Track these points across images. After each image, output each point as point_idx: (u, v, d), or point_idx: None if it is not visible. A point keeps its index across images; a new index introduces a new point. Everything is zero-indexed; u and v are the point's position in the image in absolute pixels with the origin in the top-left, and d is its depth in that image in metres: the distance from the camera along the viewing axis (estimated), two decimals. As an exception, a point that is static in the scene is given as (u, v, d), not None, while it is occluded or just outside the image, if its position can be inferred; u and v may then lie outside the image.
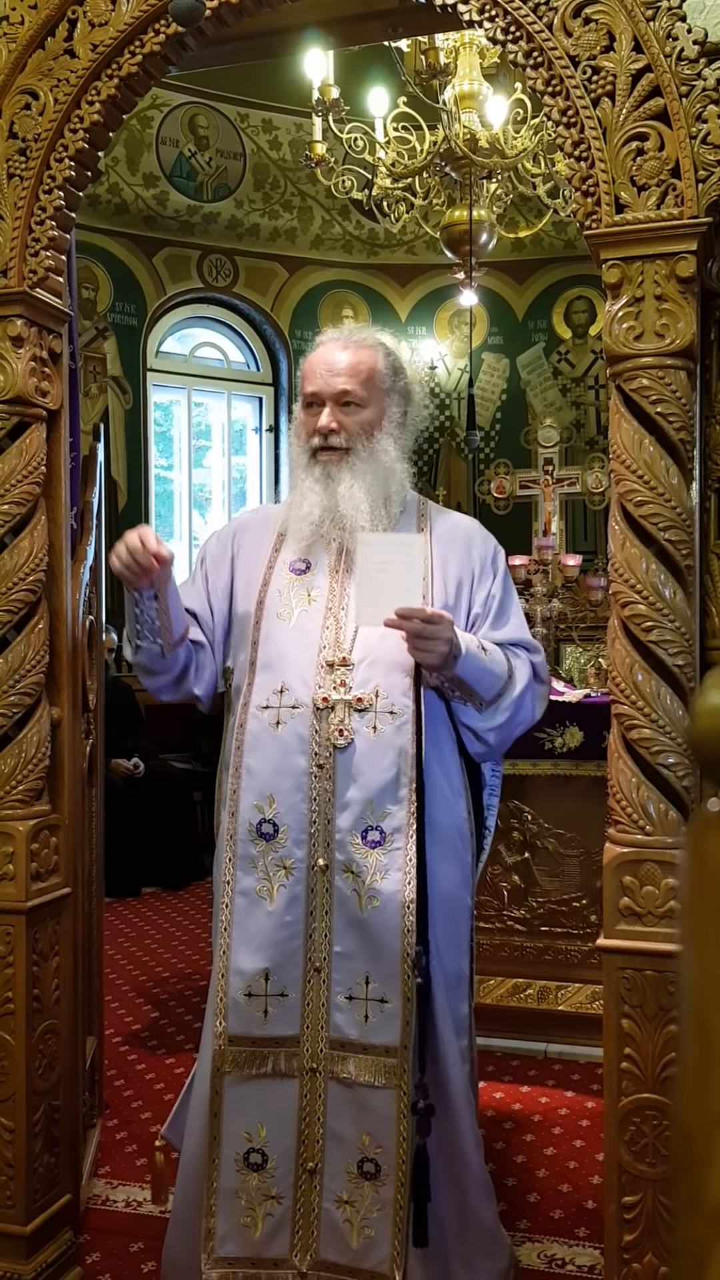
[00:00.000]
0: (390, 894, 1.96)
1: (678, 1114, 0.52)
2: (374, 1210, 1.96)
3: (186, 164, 7.61)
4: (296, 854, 1.99)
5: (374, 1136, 1.96)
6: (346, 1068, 1.97)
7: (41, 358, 2.34)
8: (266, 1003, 1.99)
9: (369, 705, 2.00)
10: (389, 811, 1.98)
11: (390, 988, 1.96)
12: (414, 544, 1.95)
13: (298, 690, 2.02)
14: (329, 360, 2.10)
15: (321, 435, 2.08)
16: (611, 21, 1.94)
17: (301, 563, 2.12)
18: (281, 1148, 1.99)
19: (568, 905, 3.63)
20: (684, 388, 1.91)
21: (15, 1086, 2.25)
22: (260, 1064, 2.00)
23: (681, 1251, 0.51)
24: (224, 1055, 2.01)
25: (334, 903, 1.98)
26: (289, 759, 2.00)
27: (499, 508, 6.03)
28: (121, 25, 2.22)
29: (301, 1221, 1.99)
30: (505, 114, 4.85)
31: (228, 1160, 2.01)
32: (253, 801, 2.02)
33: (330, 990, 1.98)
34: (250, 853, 2.02)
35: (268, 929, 1.99)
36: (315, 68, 4.67)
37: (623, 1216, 1.89)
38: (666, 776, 1.90)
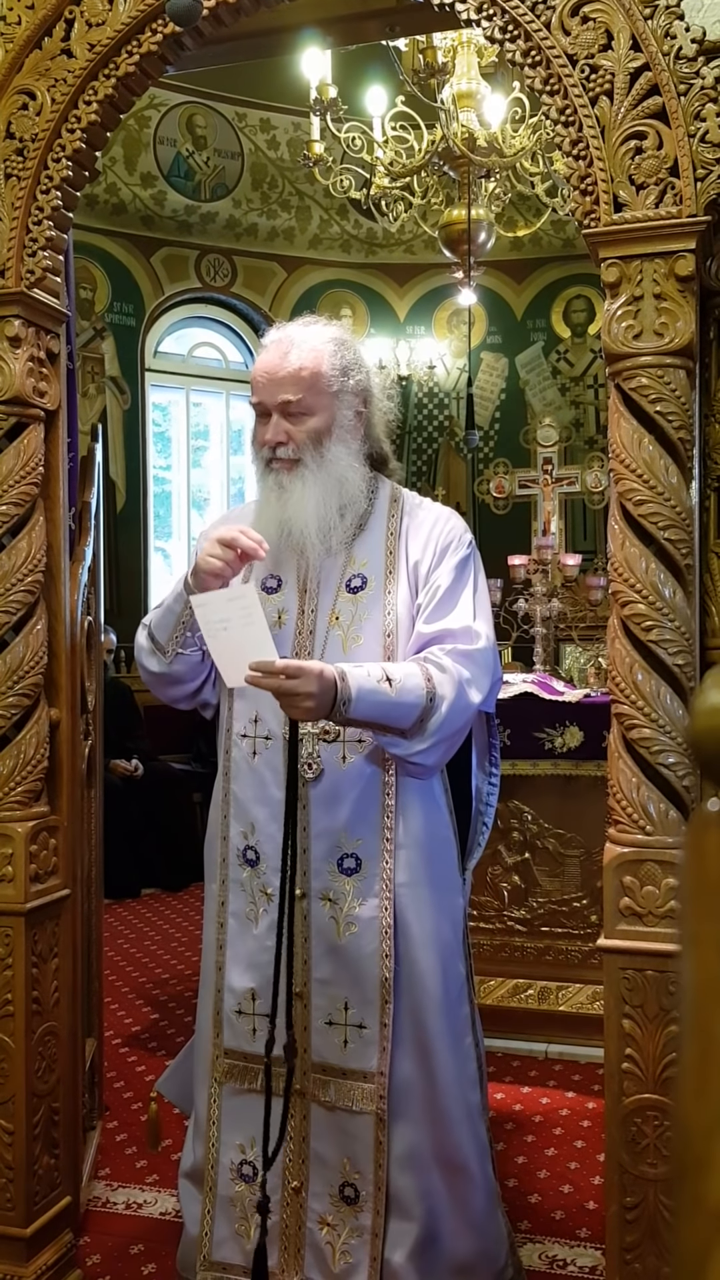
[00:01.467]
0: (368, 920, 1.96)
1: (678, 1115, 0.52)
2: (353, 1237, 1.97)
3: (184, 164, 7.61)
4: (274, 882, 1.99)
5: (354, 1162, 1.98)
6: (328, 1092, 1.99)
7: (39, 358, 2.34)
8: (254, 1021, 2.03)
9: (336, 735, 1.97)
10: (362, 839, 1.97)
11: (368, 1013, 1.96)
12: (246, 595, 1.81)
13: (270, 721, 2.01)
14: (270, 367, 1.98)
15: (269, 448, 2.00)
16: (609, 20, 1.94)
17: (273, 579, 2.08)
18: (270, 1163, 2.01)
19: (568, 905, 3.63)
20: (683, 386, 1.91)
21: (15, 1088, 2.25)
22: (252, 1079, 2.04)
23: (682, 1253, 0.51)
24: (220, 1067, 2.07)
25: (312, 930, 1.99)
26: (265, 790, 2.02)
27: (498, 507, 6.02)
28: (119, 25, 2.21)
29: (288, 1239, 2.02)
30: (503, 113, 4.85)
31: (224, 1167, 2.06)
32: (239, 828, 2.06)
33: (311, 1015, 2.00)
34: (239, 876, 2.06)
35: (253, 951, 2.03)
36: (313, 67, 4.67)
37: (624, 1217, 1.89)
38: (667, 776, 1.89)
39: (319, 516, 1.98)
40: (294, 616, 2.04)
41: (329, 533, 2.01)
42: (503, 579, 4.83)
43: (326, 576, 2.04)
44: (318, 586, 2.05)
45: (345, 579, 2.03)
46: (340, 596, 2.03)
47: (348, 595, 2.03)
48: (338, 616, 2.01)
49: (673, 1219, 1.89)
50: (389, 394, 2.21)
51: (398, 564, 2.03)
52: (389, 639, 1.98)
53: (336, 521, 2.01)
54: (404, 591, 2.02)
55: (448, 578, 2.00)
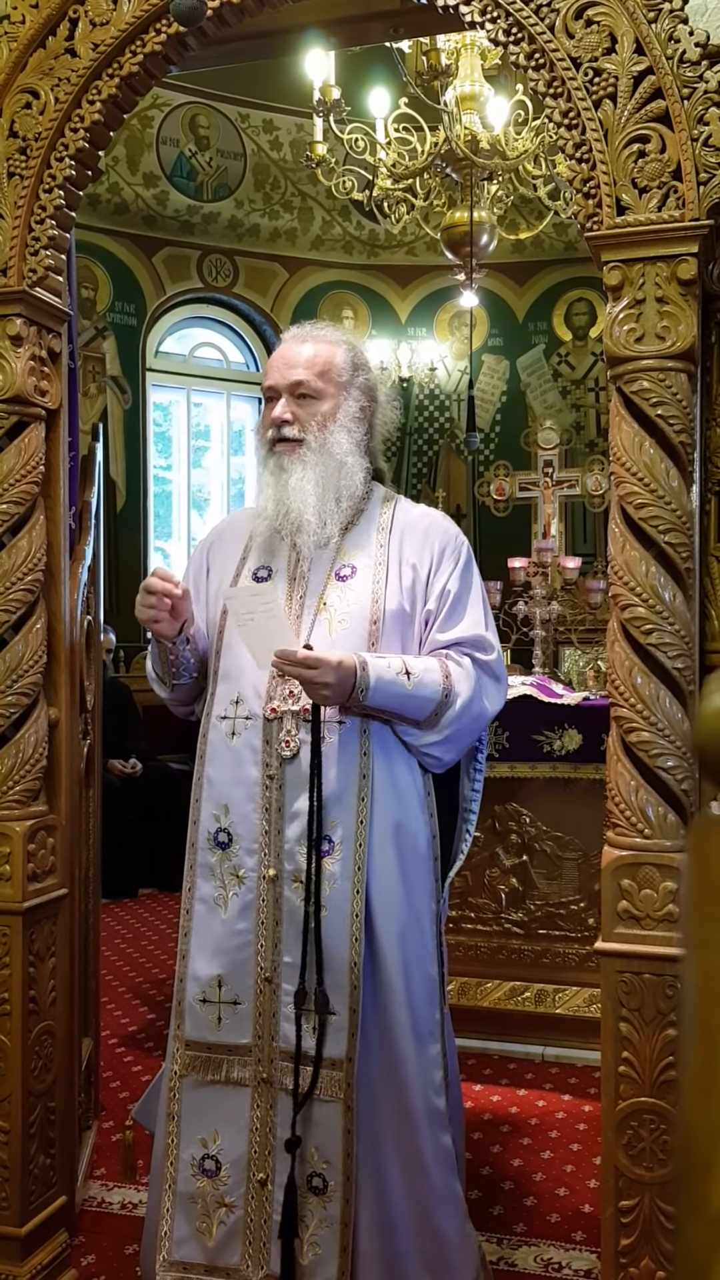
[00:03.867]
0: (340, 903, 1.95)
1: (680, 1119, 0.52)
2: (322, 1227, 1.95)
3: (187, 164, 7.61)
4: (248, 863, 1.99)
5: (321, 1151, 1.96)
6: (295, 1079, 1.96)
7: (40, 357, 2.34)
8: (219, 1009, 2.01)
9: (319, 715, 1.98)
10: (337, 821, 1.97)
11: (339, 999, 1.95)
12: (267, 592, 1.97)
13: (250, 701, 2.02)
14: (287, 354, 2.11)
15: (276, 426, 2.07)
16: (613, 23, 1.94)
17: (264, 570, 2.12)
18: (233, 1156, 2.00)
19: (566, 908, 3.63)
20: (684, 390, 1.91)
21: (11, 1088, 2.24)
22: (215, 1070, 2.01)
23: (683, 1258, 0.50)
24: (181, 1059, 2.04)
25: (284, 913, 1.98)
26: (242, 769, 2.02)
27: (498, 509, 6.03)
28: (123, 25, 2.21)
29: (253, 1233, 1.99)
30: (506, 115, 4.86)
31: (184, 1164, 2.02)
32: (211, 811, 2.05)
33: (280, 1001, 1.98)
34: (208, 860, 2.04)
35: (221, 936, 2.01)
36: (316, 68, 4.67)
37: (620, 1220, 1.88)
38: (665, 780, 1.89)
39: (318, 498, 2.04)
40: (282, 603, 2.06)
41: (326, 517, 2.06)
42: (502, 581, 4.83)
43: (316, 566, 2.09)
44: (307, 575, 2.09)
45: (335, 568, 2.08)
46: (329, 584, 2.07)
47: (336, 582, 2.07)
48: (325, 602, 2.06)
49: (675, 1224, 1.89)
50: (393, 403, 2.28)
51: (389, 558, 2.07)
52: (374, 626, 2.02)
53: (334, 508, 2.07)
54: (394, 585, 2.05)
55: (456, 584, 2.07)
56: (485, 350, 8.28)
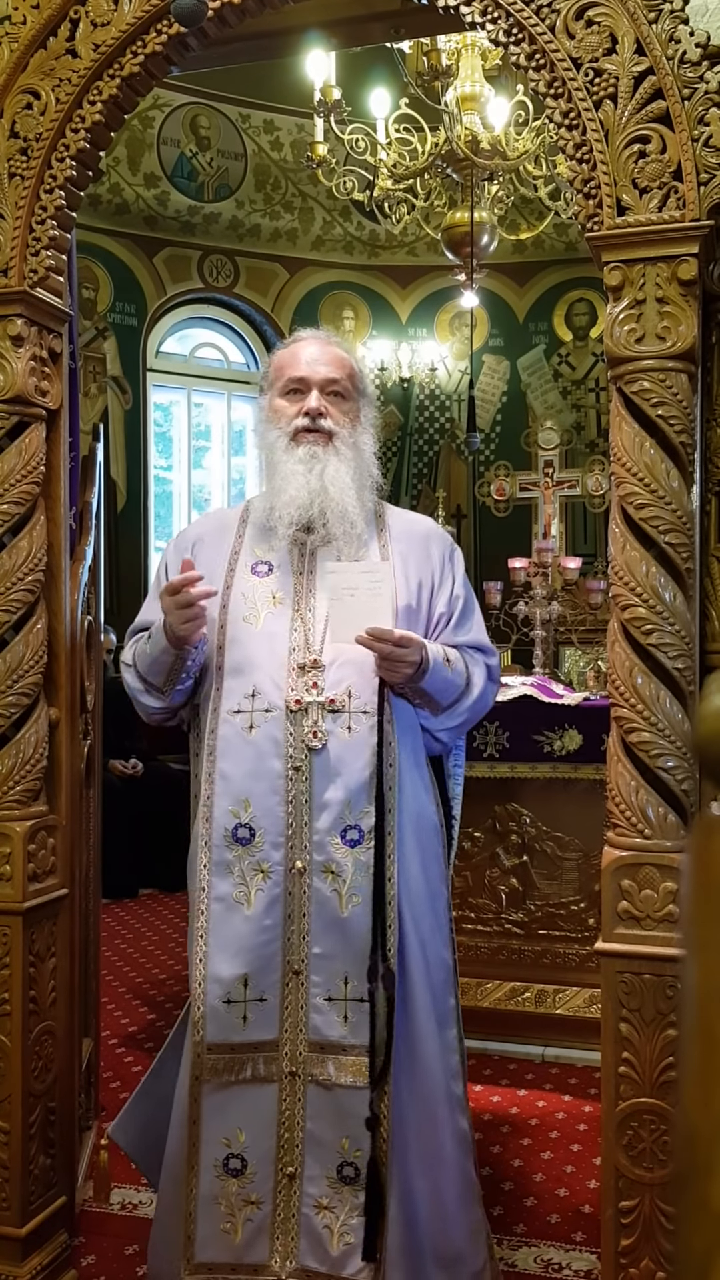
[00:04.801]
0: (370, 892, 1.97)
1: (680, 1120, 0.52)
2: (353, 1216, 1.95)
3: (188, 164, 7.61)
4: (274, 857, 1.98)
5: (353, 1140, 1.96)
6: (326, 1070, 1.97)
7: (41, 357, 2.34)
8: (245, 1008, 1.98)
9: (342, 706, 2.00)
10: (366, 810, 1.99)
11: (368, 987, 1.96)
12: (381, 570, 1.99)
13: (270, 693, 2.01)
14: (314, 352, 2.14)
15: (311, 417, 2.08)
16: (614, 24, 1.94)
17: (263, 565, 2.11)
18: (260, 1152, 1.99)
19: (566, 908, 3.63)
20: (685, 391, 1.91)
21: (11, 1088, 2.24)
22: (239, 1070, 1.99)
23: (684, 1260, 0.50)
24: (202, 1064, 1.99)
25: (312, 905, 1.98)
26: (264, 762, 2.00)
27: (499, 510, 6.03)
28: (124, 25, 2.22)
29: (281, 1227, 1.99)
30: (507, 116, 4.86)
31: (206, 1166, 1.99)
32: (227, 807, 2.01)
33: (309, 992, 1.98)
34: (225, 858, 2.00)
35: (245, 934, 1.98)
36: (317, 68, 4.67)
37: (620, 1221, 1.88)
38: (666, 780, 1.89)
39: (356, 490, 2.09)
40: (289, 597, 2.07)
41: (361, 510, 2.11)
42: (503, 581, 4.83)
43: (320, 562, 2.10)
44: (310, 571, 2.09)
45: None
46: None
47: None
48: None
49: (675, 1224, 1.89)
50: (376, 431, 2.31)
51: (393, 557, 2.14)
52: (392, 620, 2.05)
53: (367, 500, 2.13)
54: (401, 583, 2.10)
55: (462, 590, 2.19)
56: (486, 350, 8.28)
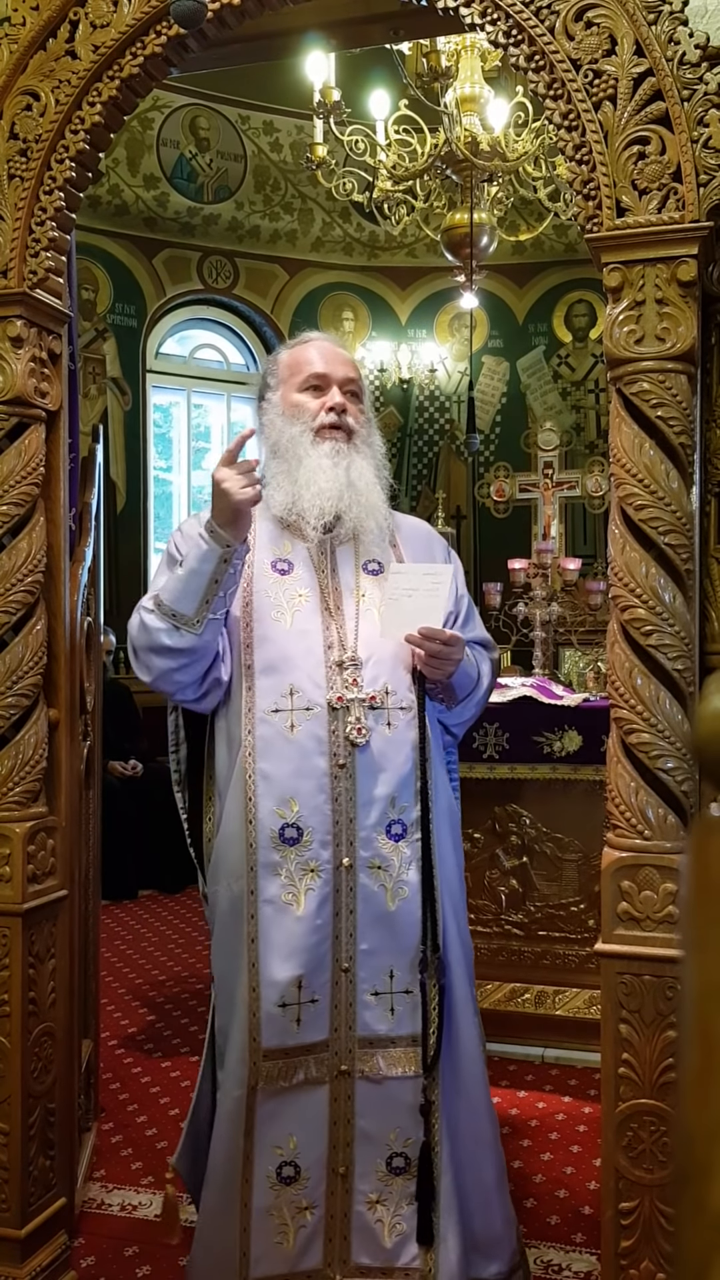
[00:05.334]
0: (416, 885, 1.99)
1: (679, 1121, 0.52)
2: (405, 1204, 1.98)
3: (187, 165, 7.61)
4: (323, 855, 1.97)
5: (402, 1131, 1.98)
6: (375, 1064, 1.98)
7: (41, 358, 2.34)
8: (299, 1010, 1.96)
9: (381, 702, 2.02)
10: (408, 805, 2.01)
11: (414, 978, 1.98)
12: (441, 574, 2.04)
13: (310, 692, 2.00)
14: (328, 351, 2.17)
15: (336, 412, 2.10)
16: (613, 25, 1.94)
17: (284, 563, 2.10)
18: (313, 1156, 1.98)
19: (566, 910, 3.63)
20: (684, 391, 1.91)
21: (11, 1089, 2.24)
22: (292, 1074, 1.97)
23: (682, 1260, 0.50)
24: (259, 1071, 1.95)
25: (358, 900, 1.98)
26: (308, 761, 1.98)
27: (498, 511, 6.02)
28: (123, 27, 2.22)
29: (333, 1229, 1.99)
30: (506, 117, 4.86)
31: (260, 1178, 1.96)
32: (272, 807, 1.97)
33: (357, 989, 1.98)
34: (273, 859, 1.96)
35: (298, 935, 1.96)
36: (317, 70, 4.67)
37: (619, 1222, 1.88)
38: (665, 781, 1.89)
39: (381, 487, 2.13)
40: (316, 595, 2.07)
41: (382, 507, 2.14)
42: (502, 583, 4.83)
43: (343, 560, 2.12)
44: (337, 568, 2.11)
45: (361, 562, 2.13)
46: (361, 578, 2.11)
47: (367, 576, 2.12)
48: (363, 594, 2.09)
49: (674, 1226, 1.89)
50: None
51: (403, 558, 2.18)
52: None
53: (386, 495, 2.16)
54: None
55: (464, 590, 2.24)
56: (485, 352, 8.28)
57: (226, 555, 1.94)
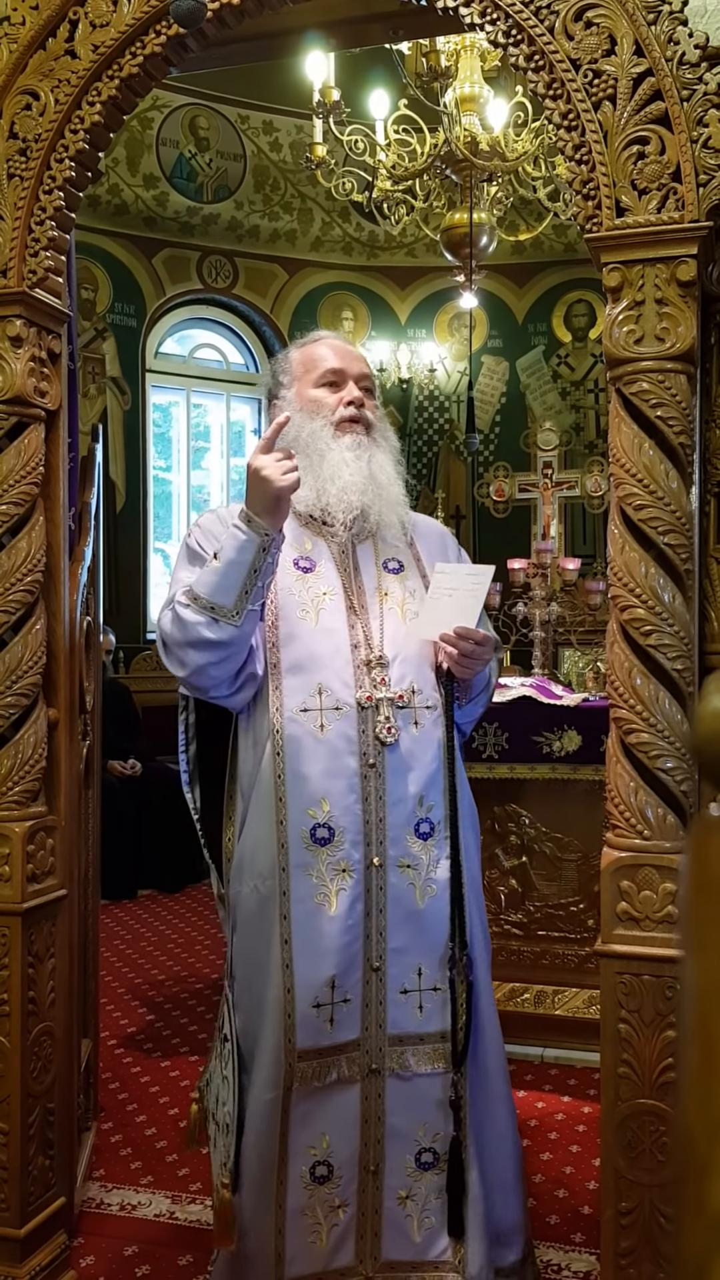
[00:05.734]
0: (444, 883, 2.00)
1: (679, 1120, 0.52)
2: (433, 1198, 1.99)
3: (187, 165, 7.61)
4: (354, 855, 1.96)
5: (430, 1126, 1.99)
6: (405, 1061, 1.99)
7: (40, 358, 2.34)
8: (332, 1010, 1.95)
9: (408, 701, 2.02)
10: (435, 803, 2.02)
11: (442, 975, 2.00)
12: (484, 575, 2.04)
13: (339, 691, 1.99)
14: (341, 348, 2.18)
15: (355, 406, 2.10)
16: (613, 25, 1.94)
17: (306, 560, 2.08)
18: (345, 1155, 1.98)
19: (565, 909, 3.63)
20: (684, 392, 1.91)
21: (10, 1089, 2.24)
22: (326, 1074, 1.96)
23: (682, 1260, 0.50)
24: (294, 1073, 1.94)
25: (388, 900, 1.98)
26: (339, 761, 1.97)
27: (498, 511, 6.02)
28: (123, 26, 2.22)
29: (365, 1226, 2.00)
30: (506, 117, 4.86)
31: (294, 1179, 1.96)
32: (304, 807, 1.96)
33: (387, 987, 1.98)
34: (304, 860, 1.95)
35: (331, 935, 1.94)
36: (316, 70, 4.67)
37: (619, 1222, 1.88)
38: (665, 781, 1.89)
39: (400, 482, 2.14)
40: (340, 593, 2.06)
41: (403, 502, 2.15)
42: (502, 582, 4.82)
43: (363, 559, 2.12)
44: (359, 566, 2.10)
45: (381, 560, 2.13)
46: (382, 576, 2.11)
47: (388, 575, 2.12)
48: (386, 593, 2.09)
49: (674, 1225, 1.89)
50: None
51: (419, 555, 2.18)
52: None
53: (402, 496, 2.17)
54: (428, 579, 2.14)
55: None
56: (485, 351, 8.28)
57: (265, 544, 1.91)
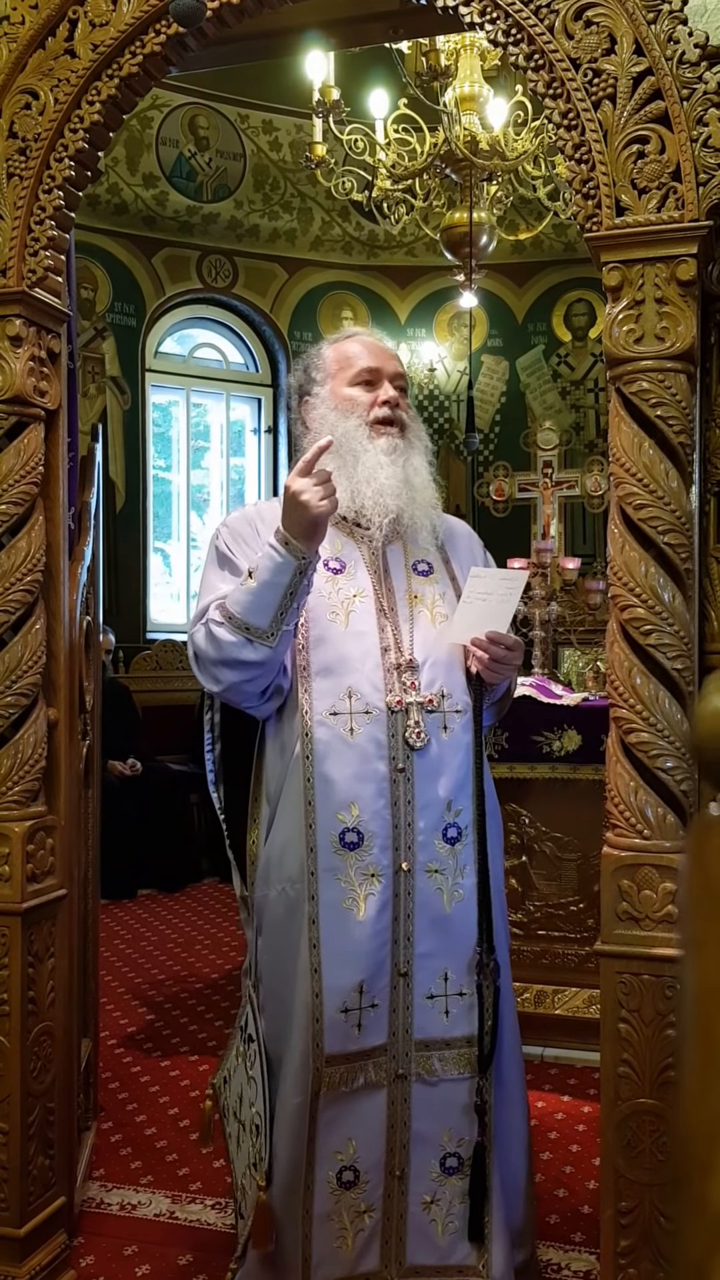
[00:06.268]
0: (471, 887, 2.00)
1: (679, 1120, 0.52)
2: (457, 1203, 1.99)
3: (186, 164, 7.61)
4: (383, 861, 1.95)
5: (454, 1131, 1.99)
6: (431, 1066, 1.98)
7: (40, 357, 2.34)
8: (360, 1015, 1.95)
9: (437, 706, 2.01)
10: (463, 808, 2.01)
11: (468, 980, 2.00)
12: (518, 581, 2.03)
13: (369, 695, 1.98)
14: (375, 346, 2.15)
15: (390, 406, 2.09)
16: (613, 24, 1.94)
17: (336, 561, 2.06)
18: (371, 1160, 1.98)
19: (565, 909, 3.63)
20: (684, 391, 1.91)
21: (10, 1088, 2.24)
22: (353, 1080, 1.96)
23: (683, 1259, 0.50)
24: (321, 1078, 1.94)
25: (416, 905, 1.97)
26: (368, 765, 1.96)
27: (498, 510, 6.02)
28: (122, 25, 2.21)
29: (390, 1230, 2.00)
30: (506, 116, 4.86)
31: (321, 1184, 1.95)
32: (333, 811, 1.95)
33: (414, 992, 1.98)
34: (334, 864, 1.94)
35: (360, 940, 1.94)
36: (316, 69, 4.67)
37: (618, 1222, 1.88)
38: (665, 780, 1.89)
39: (433, 485, 2.13)
40: (371, 596, 2.05)
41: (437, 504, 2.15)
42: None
43: (393, 561, 2.11)
44: (390, 568, 2.09)
45: (410, 563, 2.12)
46: (412, 579, 2.10)
47: (418, 577, 2.11)
48: (416, 595, 2.08)
49: (674, 1224, 1.89)
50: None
51: (448, 557, 2.17)
52: None
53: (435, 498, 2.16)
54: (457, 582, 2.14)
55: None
56: (485, 351, 8.28)
57: (302, 567, 1.89)
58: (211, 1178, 2.80)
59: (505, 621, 2.01)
